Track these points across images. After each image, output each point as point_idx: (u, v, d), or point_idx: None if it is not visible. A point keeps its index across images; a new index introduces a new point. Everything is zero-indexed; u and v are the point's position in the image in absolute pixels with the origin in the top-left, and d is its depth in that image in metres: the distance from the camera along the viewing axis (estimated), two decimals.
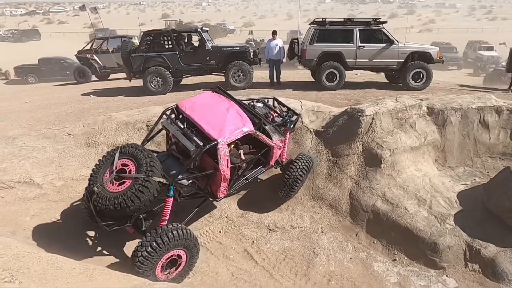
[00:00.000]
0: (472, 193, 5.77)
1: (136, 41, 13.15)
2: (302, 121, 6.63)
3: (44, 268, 2.26)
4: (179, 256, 4.21)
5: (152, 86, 9.77)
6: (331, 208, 5.88)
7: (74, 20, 59.37)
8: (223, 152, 4.41)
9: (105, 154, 4.42)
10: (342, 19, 9.45)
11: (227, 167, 4.54)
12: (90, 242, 4.94)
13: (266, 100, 6.04)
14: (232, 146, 5.00)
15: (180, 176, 4.33)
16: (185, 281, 4.40)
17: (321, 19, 9.38)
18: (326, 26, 9.22)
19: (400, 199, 5.61)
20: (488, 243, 4.99)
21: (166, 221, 4.33)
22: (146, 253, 3.82)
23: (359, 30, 9.12)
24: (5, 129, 7.34)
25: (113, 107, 8.75)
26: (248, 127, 4.68)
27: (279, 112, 5.80)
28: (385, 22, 9.42)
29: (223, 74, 9.97)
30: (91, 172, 4.35)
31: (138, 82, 10.25)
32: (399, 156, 6.06)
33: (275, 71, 10.35)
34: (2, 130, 7.29)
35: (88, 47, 14.90)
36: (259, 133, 4.86)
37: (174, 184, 4.23)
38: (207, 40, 10.10)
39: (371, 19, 9.31)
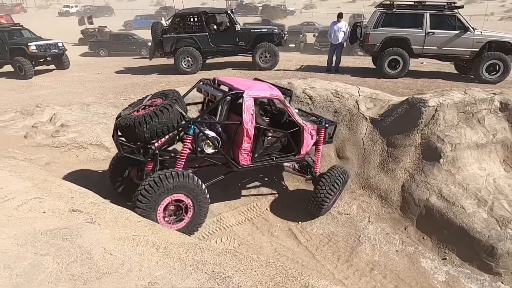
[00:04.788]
0: None
1: (165, 22, 13.53)
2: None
3: (116, 216, 2.57)
4: (187, 206, 4.07)
5: (183, 65, 10.17)
6: (380, 199, 5.75)
7: None
8: (248, 103, 4.38)
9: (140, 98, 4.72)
10: (412, 3, 8.85)
11: (251, 123, 4.47)
12: None
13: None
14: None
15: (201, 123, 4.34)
16: (230, 249, 4.64)
17: (389, 2, 8.88)
18: (394, 10, 8.71)
19: (457, 197, 5.30)
20: None
21: (182, 164, 4.27)
22: (144, 191, 3.70)
23: (430, 15, 8.49)
24: (81, 96, 8.13)
25: (174, 82, 9.21)
26: (276, 92, 4.79)
27: (316, 116, 5.78)
28: (461, 7, 8.66)
29: (250, 55, 10.25)
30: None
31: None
32: (462, 152, 5.69)
33: (335, 56, 10.05)
34: (78, 97, 8.08)
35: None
36: (287, 104, 4.85)
37: (194, 125, 4.23)
38: (237, 22, 10.29)
39: (445, 4, 8.60)
